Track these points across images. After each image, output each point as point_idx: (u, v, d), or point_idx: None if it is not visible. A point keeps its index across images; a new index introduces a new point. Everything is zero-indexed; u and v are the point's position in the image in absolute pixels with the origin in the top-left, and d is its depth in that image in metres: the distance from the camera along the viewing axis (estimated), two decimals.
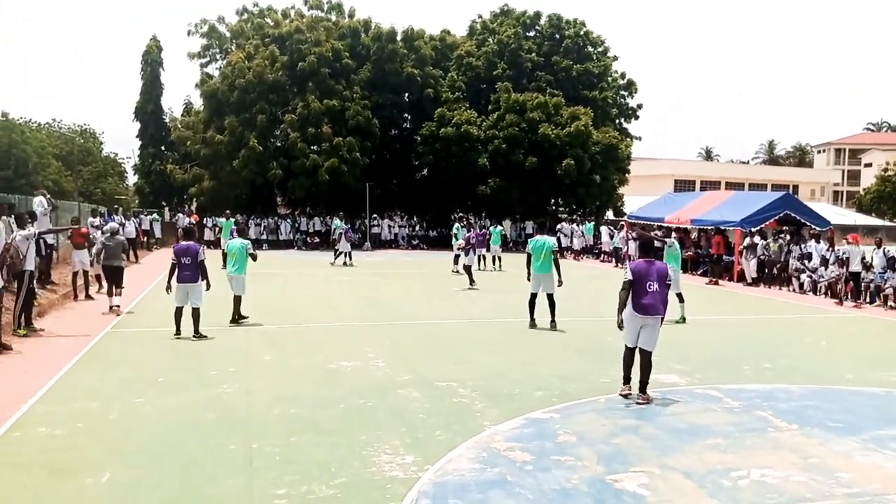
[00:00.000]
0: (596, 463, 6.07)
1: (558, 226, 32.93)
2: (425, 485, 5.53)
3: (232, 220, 26.46)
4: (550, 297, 12.58)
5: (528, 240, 14.16)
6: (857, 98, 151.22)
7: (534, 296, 12.74)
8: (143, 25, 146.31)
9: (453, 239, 23.84)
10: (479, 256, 25.34)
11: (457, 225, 24.41)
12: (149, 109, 40.61)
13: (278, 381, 8.68)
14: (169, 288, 11.50)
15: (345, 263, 25.55)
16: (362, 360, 9.95)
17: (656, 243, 10.26)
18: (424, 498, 5.29)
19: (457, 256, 23.14)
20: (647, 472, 5.86)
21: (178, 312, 11.29)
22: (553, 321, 12.58)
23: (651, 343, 7.97)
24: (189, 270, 11.23)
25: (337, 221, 27.46)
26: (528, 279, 12.83)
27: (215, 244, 29.70)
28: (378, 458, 6.08)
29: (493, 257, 25.71)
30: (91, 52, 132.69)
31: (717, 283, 22.01)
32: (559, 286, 12.59)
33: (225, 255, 16.60)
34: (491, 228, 27.38)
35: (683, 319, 13.54)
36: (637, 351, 8.05)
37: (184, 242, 11.66)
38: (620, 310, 8.03)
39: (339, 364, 9.64)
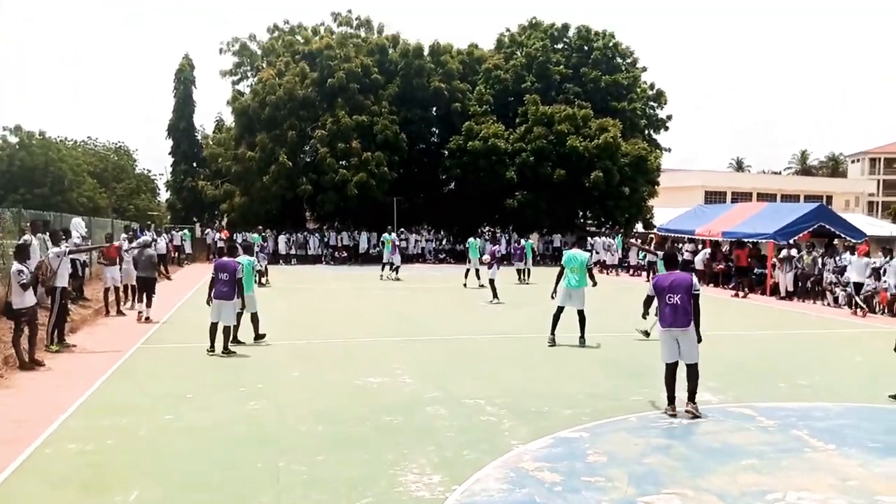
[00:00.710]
0: (627, 484, 5.94)
1: (590, 240, 32.65)
2: None
3: (261, 235, 26.82)
4: (581, 312, 12.35)
5: (564, 251, 13.98)
6: (892, 105, 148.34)
7: (560, 309, 12.43)
8: (177, 44, 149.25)
9: (469, 253, 23.25)
10: (517, 270, 25.55)
11: (471, 239, 23.78)
12: (181, 127, 41.30)
13: (306, 398, 8.69)
14: (210, 301, 11.38)
15: (395, 278, 25.73)
16: (389, 376, 9.92)
17: (649, 256, 10.18)
18: None
19: (468, 271, 22.99)
20: (679, 494, 5.73)
21: (213, 328, 11.26)
22: (582, 336, 12.38)
23: (691, 355, 7.97)
24: (225, 287, 11.16)
25: (386, 235, 27.46)
26: (553, 296, 12.59)
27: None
28: (405, 478, 6.03)
29: (524, 270, 25.74)
30: (126, 72, 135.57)
31: (746, 297, 21.69)
32: (594, 286, 12.64)
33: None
34: (523, 241, 27.26)
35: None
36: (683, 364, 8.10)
37: (223, 259, 11.71)
38: (645, 309, 8.81)
39: (367, 380, 9.62)
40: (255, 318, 12.34)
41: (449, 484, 5.89)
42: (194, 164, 41.87)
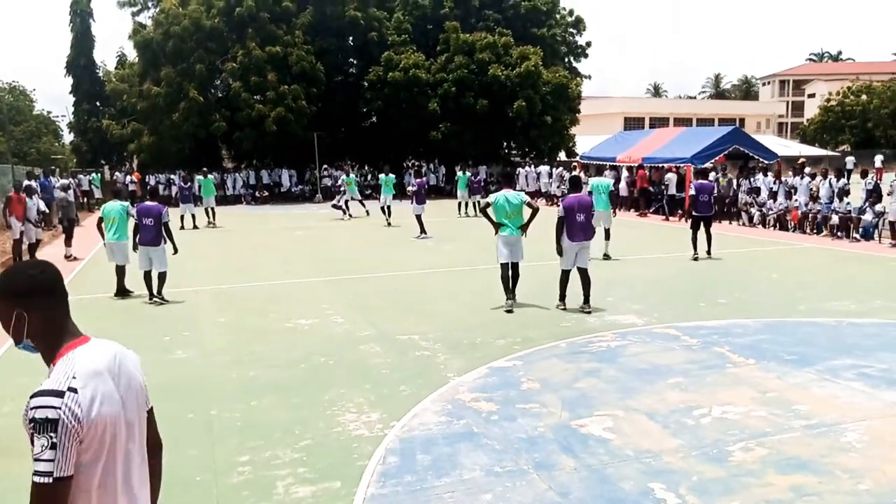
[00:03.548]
0: (561, 409, 6.08)
1: (537, 169, 32.56)
2: (392, 442, 5.47)
3: (211, 176, 25.72)
4: (515, 266, 10.06)
5: (491, 196, 10.54)
6: (801, 27, 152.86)
7: (506, 267, 9.96)
8: None
9: (383, 188, 22.43)
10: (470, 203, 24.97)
11: (383, 175, 22.91)
12: (81, 63, 38.74)
13: (235, 344, 8.48)
14: (136, 247, 10.86)
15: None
16: (320, 316, 9.78)
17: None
18: (392, 455, 5.22)
19: (386, 208, 22.27)
20: (611, 416, 5.90)
21: (147, 277, 10.82)
22: (514, 294, 10.08)
23: (586, 261, 9.75)
24: (151, 233, 10.66)
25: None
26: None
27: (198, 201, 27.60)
28: (343, 418, 5.98)
29: (461, 203, 25.48)
30: (15, 6, 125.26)
31: (644, 216, 23.71)
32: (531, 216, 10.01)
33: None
34: (458, 174, 26.76)
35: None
36: (576, 270, 9.70)
37: (146, 203, 11.08)
38: (557, 238, 9.63)
39: (297, 322, 9.46)
40: (121, 272, 11.39)
41: (388, 420, 5.88)
42: (98, 104, 39.52)
